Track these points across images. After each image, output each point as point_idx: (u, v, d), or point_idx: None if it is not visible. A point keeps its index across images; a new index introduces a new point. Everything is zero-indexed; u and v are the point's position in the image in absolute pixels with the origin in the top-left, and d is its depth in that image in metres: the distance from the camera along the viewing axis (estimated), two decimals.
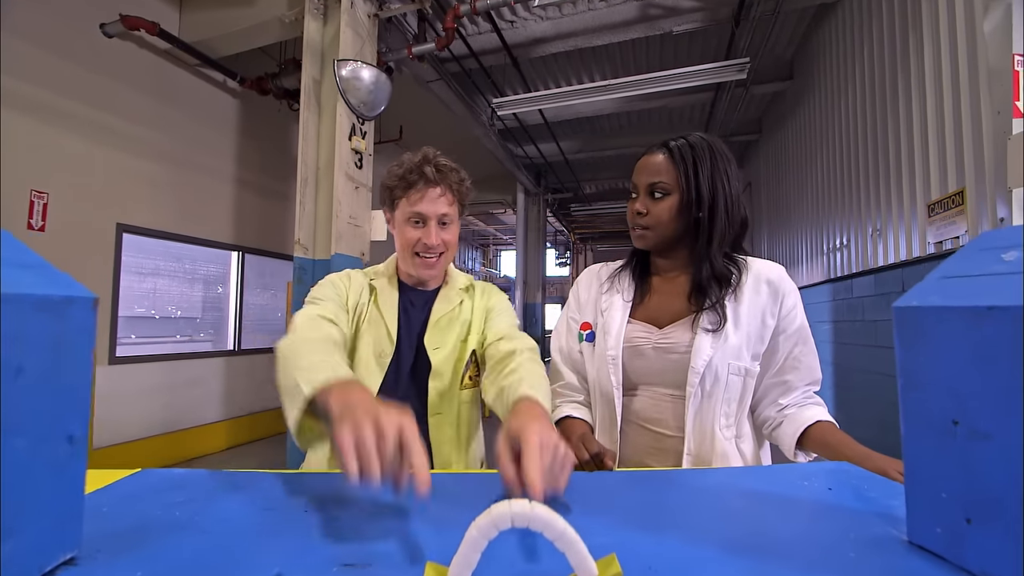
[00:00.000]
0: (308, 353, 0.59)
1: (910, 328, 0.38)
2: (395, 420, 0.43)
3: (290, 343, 0.64)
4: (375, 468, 0.39)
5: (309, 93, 2.94)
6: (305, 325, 0.72)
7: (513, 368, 0.70)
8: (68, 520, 0.35)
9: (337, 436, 0.41)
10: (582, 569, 0.29)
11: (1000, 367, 0.32)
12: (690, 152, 0.76)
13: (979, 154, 1.93)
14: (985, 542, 0.33)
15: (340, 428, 0.42)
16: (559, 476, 0.46)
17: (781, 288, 0.75)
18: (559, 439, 0.47)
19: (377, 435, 0.41)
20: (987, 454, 0.33)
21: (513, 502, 0.29)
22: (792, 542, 0.39)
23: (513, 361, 0.72)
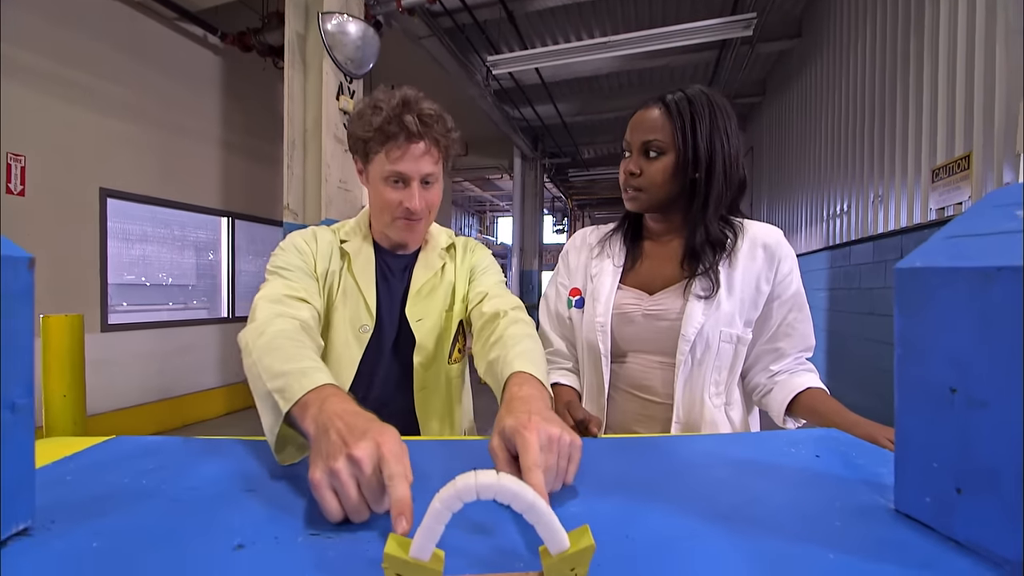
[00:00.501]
0: (281, 357, 0.52)
1: (912, 291, 0.36)
2: (371, 448, 0.37)
3: (256, 335, 0.56)
4: (353, 509, 0.35)
5: (293, 49, 2.79)
6: (272, 311, 0.63)
7: (499, 336, 0.64)
8: (17, 491, 0.33)
9: (311, 474, 0.37)
10: (552, 542, 0.27)
11: (1007, 332, 0.30)
12: (688, 107, 0.72)
13: (989, 117, 1.86)
14: (975, 512, 0.32)
15: (313, 463, 0.38)
16: (567, 470, 0.41)
17: (778, 252, 0.73)
18: (560, 428, 0.42)
19: (354, 467, 0.36)
20: (985, 423, 0.31)
21: (479, 473, 0.27)
22: (776, 510, 0.38)
23: (498, 326, 0.67)
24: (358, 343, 0.78)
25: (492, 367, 0.60)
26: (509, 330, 0.65)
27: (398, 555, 0.27)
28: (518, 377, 0.53)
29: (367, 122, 0.72)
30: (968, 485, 0.32)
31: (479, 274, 0.84)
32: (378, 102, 0.72)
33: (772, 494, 0.41)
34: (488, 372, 0.62)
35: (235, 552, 0.32)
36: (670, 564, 0.31)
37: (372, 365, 0.79)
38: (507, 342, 0.62)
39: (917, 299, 0.35)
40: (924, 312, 0.35)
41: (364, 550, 0.32)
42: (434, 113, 0.73)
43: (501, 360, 0.58)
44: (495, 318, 0.70)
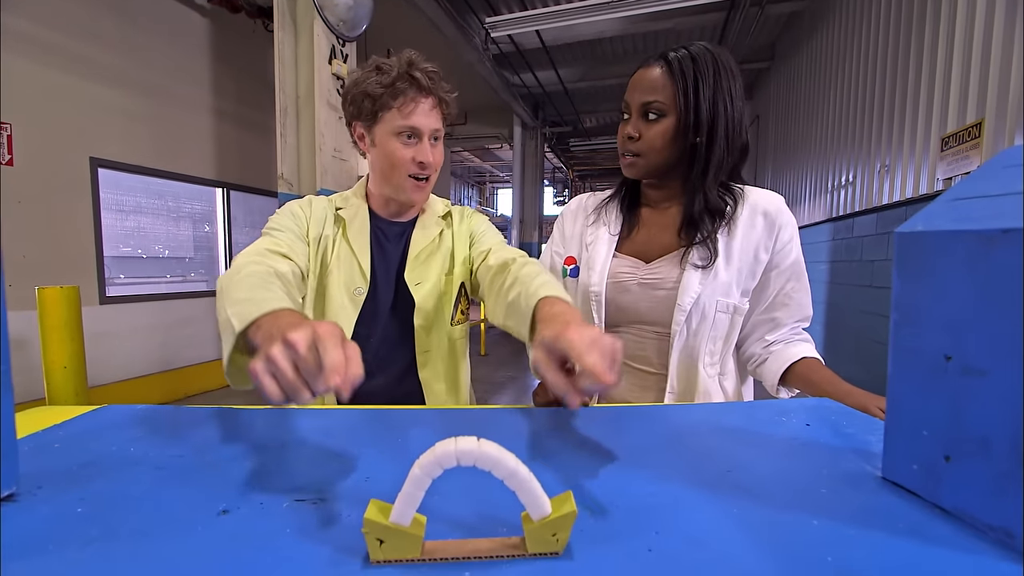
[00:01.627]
0: (245, 287, 0.53)
1: (912, 256, 0.35)
2: (307, 331, 0.37)
3: (229, 276, 0.57)
4: (291, 388, 0.36)
5: (283, 10, 2.68)
6: (249, 259, 0.64)
7: (514, 277, 0.65)
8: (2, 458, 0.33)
9: (251, 366, 0.37)
10: (534, 507, 0.27)
11: (1007, 297, 0.28)
12: (692, 66, 0.68)
13: (1004, 83, 1.79)
14: (962, 480, 0.32)
15: (256, 357, 0.38)
16: (612, 370, 0.40)
17: (778, 220, 0.71)
18: (599, 331, 0.42)
19: (289, 350, 0.36)
20: (979, 391, 0.30)
21: (459, 439, 0.26)
22: (764, 479, 0.38)
23: (510, 271, 0.67)
24: (353, 305, 0.79)
25: (514, 304, 0.60)
26: (523, 270, 0.65)
27: (378, 520, 0.26)
28: (546, 301, 0.53)
29: (375, 82, 0.73)
30: (957, 453, 0.32)
31: (479, 236, 0.86)
32: (381, 64, 0.74)
33: (759, 462, 0.41)
34: (510, 312, 0.61)
35: (219, 517, 0.32)
36: (653, 530, 0.30)
37: (368, 327, 0.81)
38: (524, 280, 0.62)
39: (916, 264, 0.34)
40: (923, 277, 0.34)
41: (348, 515, 0.32)
42: (437, 71, 0.76)
43: (523, 295, 0.58)
44: (505, 267, 0.70)
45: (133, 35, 3.32)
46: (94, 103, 3.12)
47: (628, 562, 0.27)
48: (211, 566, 0.27)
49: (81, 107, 3.05)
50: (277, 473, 0.39)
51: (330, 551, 0.28)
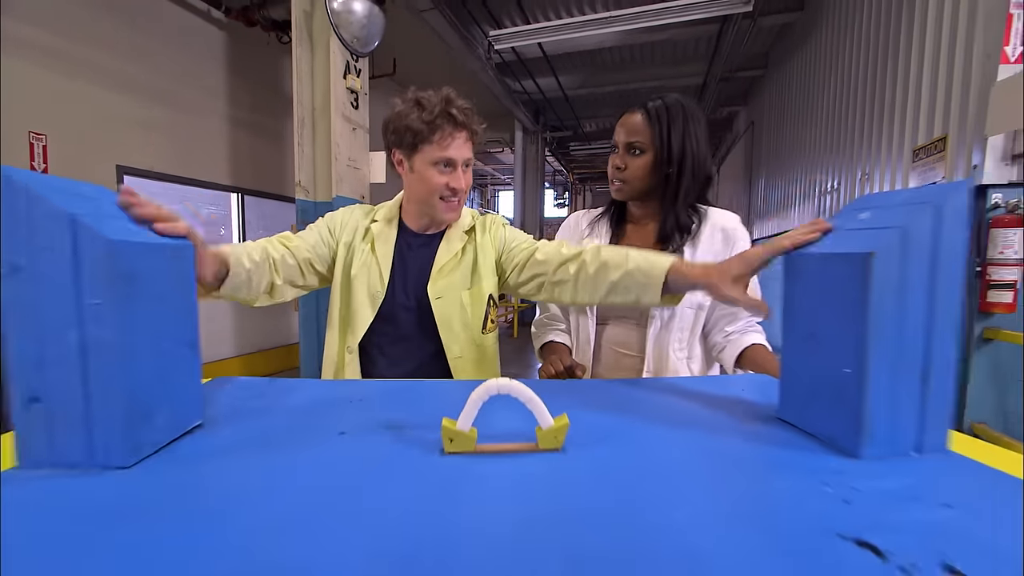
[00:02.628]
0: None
1: (792, 267, 0.52)
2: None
3: None
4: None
5: (300, 27, 2.86)
6: (255, 241, 0.82)
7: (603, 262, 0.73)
8: (194, 399, 0.51)
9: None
10: (543, 420, 0.45)
11: (833, 295, 0.46)
12: (666, 114, 0.86)
13: (965, 101, 1.97)
14: (818, 412, 0.49)
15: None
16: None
17: (733, 235, 0.89)
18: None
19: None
20: (821, 354, 0.48)
21: (499, 379, 0.44)
22: (703, 419, 0.56)
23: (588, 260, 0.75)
24: (371, 305, 0.90)
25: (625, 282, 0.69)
26: (607, 255, 0.74)
27: (450, 426, 0.44)
28: (676, 263, 0.66)
29: (416, 118, 0.82)
30: (816, 396, 0.50)
31: (513, 242, 0.94)
32: (421, 99, 0.83)
33: (703, 411, 0.59)
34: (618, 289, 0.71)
35: (340, 436, 0.50)
36: (618, 442, 0.48)
37: (387, 324, 0.90)
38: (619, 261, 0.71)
39: (794, 272, 0.52)
40: (798, 282, 0.52)
41: (426, 436, 0.50)
42: (471, 108, 0.87)
43: (636, 271, 0.69)
44: (576, 257, 0.78)
45: (156, 49, 3.50)
46: (120, 114, 3.31)
47: (600, 456, 0.45)
48: (341, 461, 0.44)
49: (108, 118, 3.24)
50: (370, 412, 0.56)
51: (418, 451, 0.46)
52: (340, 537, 0.31)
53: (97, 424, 0.40)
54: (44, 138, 2.89)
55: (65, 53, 2.99)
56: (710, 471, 0.42)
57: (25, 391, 0.40)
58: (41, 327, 0.39)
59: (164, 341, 0.46)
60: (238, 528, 0.32)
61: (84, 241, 0.39)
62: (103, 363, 0.40)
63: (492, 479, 0.40)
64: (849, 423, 0.45)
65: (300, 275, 0.89)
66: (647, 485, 0.39)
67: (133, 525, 0.32)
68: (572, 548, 0.30)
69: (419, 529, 0.32)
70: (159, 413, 0.45)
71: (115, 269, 0.39)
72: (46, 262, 0.39)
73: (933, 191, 0.44)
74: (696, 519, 0.34)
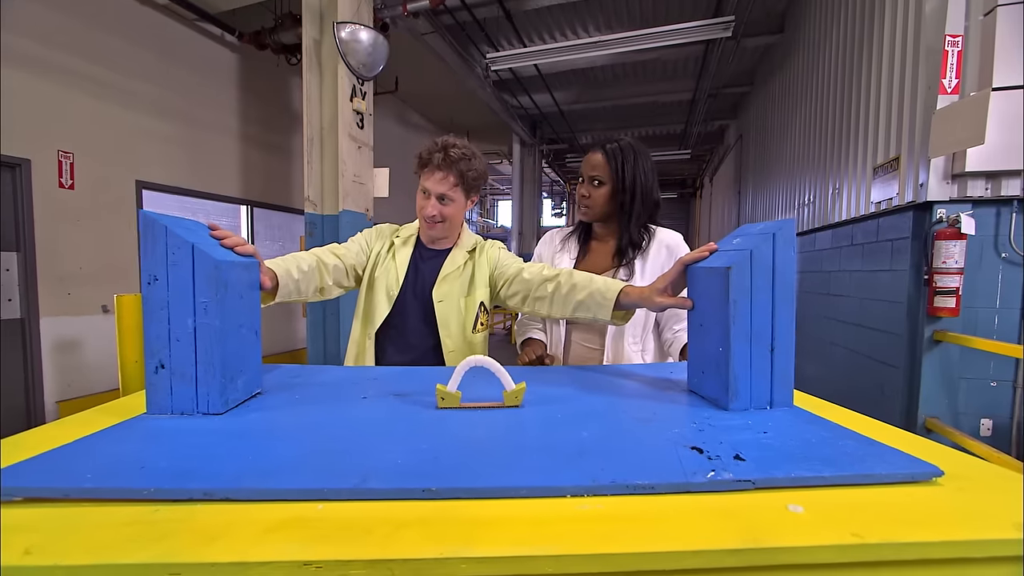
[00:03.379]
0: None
1: (690, 277, 0.72)
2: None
3: None
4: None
5: (310, 54, 3.09)
6: (310, 250, 1.04)
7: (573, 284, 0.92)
8: (257, 372, 0.70)
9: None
10: (507, 385, 0.64)
11: (712, 296, 0.66)
12: (620, 154, 1.07)
13: (913, 125, 2.18)
14: (707, 380, 0.68)
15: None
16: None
17: (676, 251, 1.09)
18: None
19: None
20: (709, 339, 0.67)
21: (476, 356, 0.64)
22: (635, 389, 0.75)
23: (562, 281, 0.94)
24: (387, 301, 1.11)
25: (588, 302, 0.89)
26: (576, 279, 0.93)
27: (442, 389, 0.63)
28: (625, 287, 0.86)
29: (419, 154, 1.08)
30: (705, 369, 0.69)
31: (503, 262, 1.13)
32: (435, 141, 1.08)
33: (632, 385, 0.78)
34: (582, 307, 0.90)
35: (362, 399, 0.69)
36: (564, 401, 0.67)
37: (399, 318, 1.10)
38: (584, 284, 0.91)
39: (692, 281, 0.72)
40: (694, 287, 0.71)
41: (425, 400, 0.69)
42: (461, 153, 1.06)
43: (596, 292, 0.88)
44: (553, 279, 0.97)
45: (173, 71, 3.74)
46: (139, 131, 3.53)
47: (549, 410, 0.64)
48: (363, 415, 0.63)
49: (129, 135, 3.46)
50: (382, 384, 0.76)
51: (418, 407, 0.65)
52: (369, 445, 0.50)
53: (202, 383, 0.60)
54: (71, 156, 3.11)
55: (95, 77, 3.22)
56: (621, 417, 0.61)
57: (155, 360, 0.59)
58: (168, 317, 0.59)
59: (242, 328, 0.65)
60: (307, 444, 0.51)
61: (199, 260, 0.58)
62: (207, 342, 0.59)
63: (470, 421, 0.59)
64: (723, 386, 0.64)
65: (346, 277, 1.11)
66: (575, 425, 0.58)
67: (233, 442, 0.51)
68: (516, 449, 0.50)
69: (425, 443, 0.51)
70: (239, 378, 0.64)
71: (218, 278, 0.59)
72: (174, 274, 0.58)
73: (774, 225, 0.63)
74: (595, 438, 0.53)
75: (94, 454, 0.47)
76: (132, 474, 0.42)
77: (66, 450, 0.48)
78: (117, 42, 3.36)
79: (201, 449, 0.49)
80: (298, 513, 0.38)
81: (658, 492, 0.41)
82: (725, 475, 0.43)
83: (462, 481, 0.41)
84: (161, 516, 0.37)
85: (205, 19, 3.82)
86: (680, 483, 0.42)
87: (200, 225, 0.67)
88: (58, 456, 0.46)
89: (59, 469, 0.43)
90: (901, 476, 0.45)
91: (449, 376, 0.64)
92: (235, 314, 0.63)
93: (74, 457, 0.46)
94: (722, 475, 0.43)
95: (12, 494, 0.39)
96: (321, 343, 3.22)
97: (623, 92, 6.42)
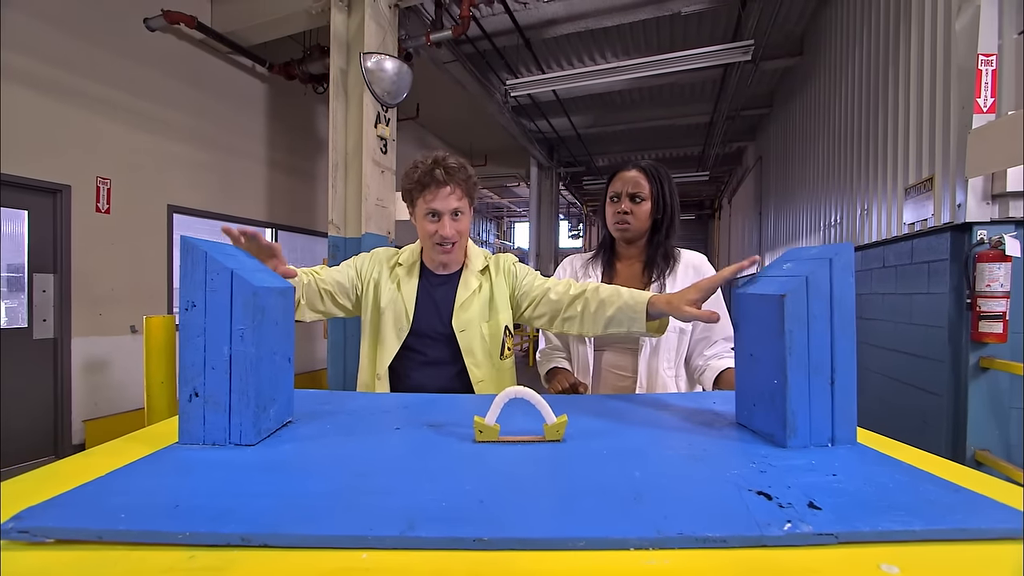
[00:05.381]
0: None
1: (736, 304, 0.69)
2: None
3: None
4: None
5: (337, 83, 3.19)
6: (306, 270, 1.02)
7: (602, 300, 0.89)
8: (290, 400, 0.68)
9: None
10: (548, 418, 0.61)
11: (764, 325, 0.62)
12: (656, 172, 1.06)
13: (947, 145, 2.12)
14: (759, 414, 0.64)
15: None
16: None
17: (702, 270, 1.07)
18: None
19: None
20: (761, 370, 0.63)
21: (515, 387, 0.61)
22: (670, 422, 0.71)
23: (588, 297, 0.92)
24: (397, 338, 1.04)
25: (618, 316, 0.86)
26: (604, 294, 0.91)
27: (480, 422, 0.60)
28: (652, 296, 0.83)
29: (410, 179, 1.01)
30: (757, 402, 0.65)
31: (525, 282, 1.08)
32: (417, 163, 1.00)
33: (675, 416, 0.74)
34: (614, 322, 0.88)
35: (395, 430, 0.66)
36: (608, 436, 0.64)
37: (415, 352, 1.04)
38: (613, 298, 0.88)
39: (738, 309, 0.68)
40: (741, 315, 0.68)
41: (461, 431, 0.66)
42: (457, 165, 1.00)
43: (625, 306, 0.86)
44: (581, 296, 0.95)
45: (204, 100, 3.90)
46: (171, 158, 3.67)
47: (592, 445, 0.61)
48: (398, 448, 0.61)
49: (161, 161, 3.60)
50: (415, 415, 0.73)
51: (454, 439, 0.62)
52: (410, 484, 0.48)
53: (235, 413, 0.58)
54: (109, 182, 3.24)
55: (133, 108, 3.38)
56: (671, 454, 0.57)
57: (189, 388, 0.58)
58: (204, 344, 0.58)
59: (276, 355, 0.64)
60: (344, 480, 0.49)
61: (238, 286, 0.57)
62: (242, 370, 0.58)
63: (512, 457, 0.56)
64: (779, 422, 0.60)
65: (320, 301, 1.03)
66: (625, 463, 0.54)
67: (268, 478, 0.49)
68: (567, 492, 0.46)
69: (468, 482, 0.49)
70: (272, 407, 0.62)
71: (255, 305, 0.58)
72: (212, 300, 0.57)
73: (830, 249, 0.60)
74: (649, 479, 0.49)
75: (128, 490, 0.45)
76: (167, 514, 0.40)
77: (98, 485, 0.46)
78: (155, 75, 3.53)
79: (236, 486, 0.47)
80: (342, 563, 0.35)
81: (730, 546, 0.38)
82: (804, 527, 0.39)
83: (514, 530, 0.38)
84: (199, 564, 0.35)
85: (238, 52, 4.00)
86: (754, 536, 0.38)
87: (237, 250, 0.67)
88: (90, 492, 0.45)
89: (92, 507, 0.41)
90: (1001, 532, 0.40)
91: (481, 405, 0.61)
92: (270, 341, 0.62)
93: (107, 493, 0.44)
94: (800, 527, 0.39)
95: (45, 535, 0.37)
96: (341, 364, 3.22)
97: (640, 115, 6.48)
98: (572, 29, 4.20)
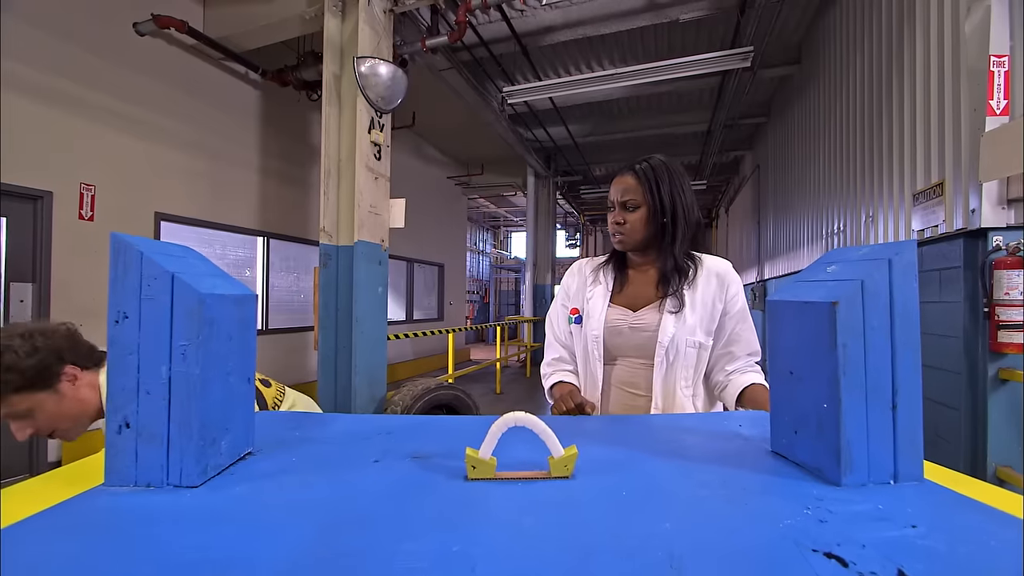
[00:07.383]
0: None
1: (772, 313, 0.59)
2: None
3: None
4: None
5: (330, 89, 3.12)
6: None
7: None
8: (248, 427, 0.58)
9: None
10: (554, 450, 0.51)
11: (808, 338, 0.53)
12: (652, 173, 0.97)
13: (958, 149, 2.06)
14: (802, 443, 0.54)
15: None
16: None
17: (726, 279, 0.96)
18: None
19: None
20: (802, 391, 0.54)
21: (515, 413, 0.51)
22: (694, 450, 0.61)
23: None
24: None
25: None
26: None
27: (472, 454, 0.50)
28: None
29: None
30: (798, 428, 0.55)
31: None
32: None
33: (698, 443, 0.64)
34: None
35: (374, 463, 0.56)
36: (623, 469, 0.54)
37: None
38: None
39: (774, 317, 0.59)
40: (778, 326, 0.58)
41: (450, 464, 0.56)
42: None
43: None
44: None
45: (195, 106, 3.82)
46: (160, 164, 3.58)
47: (607, 483, 0.51)
48: (374, 487, 0.50)
49: (149, 168, 3.51)
50: (399, 442, 0.63)
51: (442, 477, 0.52)
52: (386, 543, 0.37)
53: (175, 447, 0.48)
54: (93, 188, 3.14)
55: (122, 112, 3.30)
56: (703, 495, 0.47)
57: (119, 417, 0.48)
58: (138, 363, 0.48)
59: (230, 376, 0.54)
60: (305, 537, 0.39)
61: (180, 293, 0.47)
62: (184, 395, 0.48)
63: (511, 501, 0.46)
64: (830, 454, 0.50)
65: None
66: (649, 508, 0.44)
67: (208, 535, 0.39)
68: (582, 551, 0.36)
69: (456, 540, 0.38)
70: (223, 439, 0.52)
71: (202, 316, 0.48)
72: (148, 311, 0.47)
73: (886, 248, 0.51)
74: (683, 532, 0.39)
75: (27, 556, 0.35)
76: None
77: None
78: (144, 80, 3.45)
79: (166, 548, 0.36)
80: None
81: None
82: None
83: None
84: None
85: (230, 58, 3.94)
86: None
87: (190, 251, 0.57)
88: None
89: None
90: None
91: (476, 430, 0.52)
92: (221, 359, 0.52)
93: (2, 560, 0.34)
94: None
95: None
96: (332, 378, 3.10)
97: (638, 124, 6.45)
98: (570, 36, 4.16)
